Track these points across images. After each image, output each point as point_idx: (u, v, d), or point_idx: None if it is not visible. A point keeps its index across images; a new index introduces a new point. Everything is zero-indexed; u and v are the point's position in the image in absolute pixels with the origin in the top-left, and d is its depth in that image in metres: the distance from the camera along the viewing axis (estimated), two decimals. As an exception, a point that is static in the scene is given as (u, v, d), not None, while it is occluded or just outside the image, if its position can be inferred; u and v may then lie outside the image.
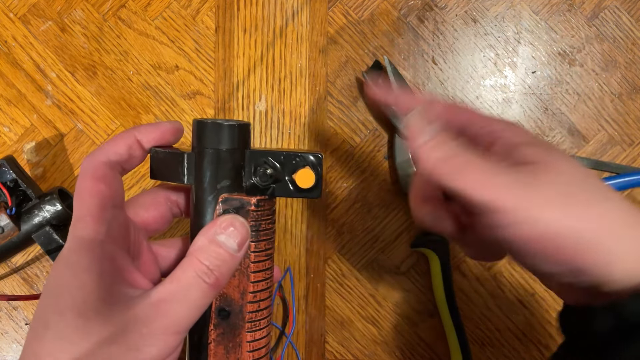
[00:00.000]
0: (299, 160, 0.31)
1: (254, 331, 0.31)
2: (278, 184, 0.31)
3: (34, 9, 0.50)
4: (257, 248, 0.30)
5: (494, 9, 0.50)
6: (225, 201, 0.30)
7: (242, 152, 0.30)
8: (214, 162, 0.30)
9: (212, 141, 0.30)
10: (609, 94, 0.50)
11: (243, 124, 0.31)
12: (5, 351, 0.50)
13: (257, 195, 0.31)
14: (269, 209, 0.31)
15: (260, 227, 0.31)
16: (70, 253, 0.27)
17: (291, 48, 0.50)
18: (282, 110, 0.50)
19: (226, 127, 0.30)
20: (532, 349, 0.50)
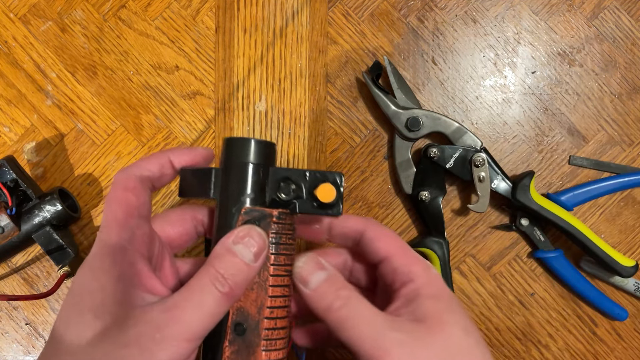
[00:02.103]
0: (320, 177, 0.32)
1: (269, 351, 0.30)
2: (300, 200, 0.31)
3: (34, 9, 0.50)
4: (276, 261, 0.30)
5: (493, 9, 0.50)
6: (248, 212, 0.30)
7: (266, 168, 0.31)
8: (239, 174, 0.31)
9: (238, 155, 0.31)
10: (609, 94, 0.50)
11: (268, 142, 0.32)
12: (6, 351, 0.50)
13: (279, 208, 0.31)
14: (290, 224, 0.31)
15: (280, 240, 0.31)
16: (94, 257, 0.28)
17: (291, 48, 0.50)
18: (282, 110, 0.50)
19: (253, 141, 0.31)
20: (532, 349, 0.50)
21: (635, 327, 0.50)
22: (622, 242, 0.50)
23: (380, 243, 0.33)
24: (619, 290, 0.50)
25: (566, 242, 0.49)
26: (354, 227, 0.34)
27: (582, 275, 0.49)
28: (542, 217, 0.47)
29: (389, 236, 0.34)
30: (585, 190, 0.48)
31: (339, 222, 0.34)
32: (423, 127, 0.47)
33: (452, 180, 0.50)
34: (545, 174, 0.50)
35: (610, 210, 0.50)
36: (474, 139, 0.47)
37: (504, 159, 0.50)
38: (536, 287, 0.50)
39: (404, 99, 0.48)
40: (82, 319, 0.26)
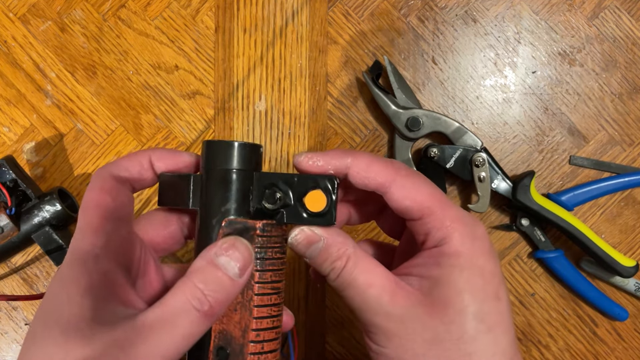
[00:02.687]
0: (310, 183, 0.28)
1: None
2: (287, 208, 0.28)
3: (34, 8, 0.50)
4: (261, 278, 0.28)
5: (494, 8, 0.50)
6: (229, 225, 0.27)
7: (250, 174, 0.28)
8: (220, 182, 0.28)
9: (219, 161, 0.28)
10: (609, 94, 0.50)
11: (253, 144, 0.29)
12: (5, 351, 0.50)
13: (264, 219, 0.28)
14: (277, 236, 0.28)
15: (266, 255, 0.28)
16: (65, 265, 0.26)
17: (291, 48, 0.50)
18: (282, 110, 0.50)
19: (234, 145, 0.28)
20: (533, 349, 0.50)
21: (635, 327, 0.50)
22: (622, 242, 0.50)
23: (414, 203, 0.28)
24: (619, 290, 0.50)
25: (566, 242, 0.49)
26: (378, 179, 0.29)
27: (583, 275, 0.49)
28: (543, 217, 0.47)
29: (424, 193, 0.29)
30: (586, 190, 0.48)
31: (358, 170, 0.29)
32: (423, 127, 0.47)
33: (453, 180, 0.50)
34: (545, 174, 0.50)
35: (611, 210, 0.50)
36: (474, 138, 0.47)
37: (504, 159, 0.50)
38: (536, 287, 0.50)
39: (404, 98, 0.48)
40: (48, 333, 0.24)
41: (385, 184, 0.29)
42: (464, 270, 0.27)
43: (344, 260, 0.28)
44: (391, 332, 0.27)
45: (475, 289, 0.27)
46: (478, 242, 0.28)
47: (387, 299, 0.27)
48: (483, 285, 0.27)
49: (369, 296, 0.28)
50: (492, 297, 0.27)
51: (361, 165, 0.29)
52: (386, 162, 0.29)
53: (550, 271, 0.50)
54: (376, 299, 0.27)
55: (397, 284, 0.28)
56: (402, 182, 0.29)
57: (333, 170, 0.29)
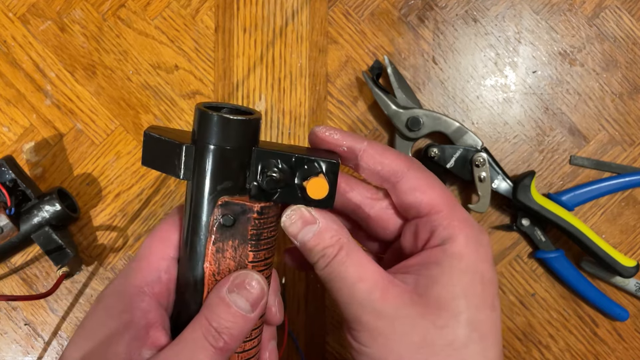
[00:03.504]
0: (311, 166, 0.27)
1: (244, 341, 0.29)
2: (285, 188, 0.28)
3: (33, 8, 0.50)
4: (256, 258, 0.28)
5: (494, 8, 0.50)
6: (225, 205, 0.27)
7: (249, 151, 0.27)
8: (217, 160, 0.27)
9: (216, 137, 0.26)
10: (610, 94, 0.50)
11: (253, 119, 0.27)
12: (5, 352, 0.49)
13: (262, 199, 0.28)
14: (273, 216, 0.28)
15: (262, 235, 0.28)
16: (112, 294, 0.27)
17: (291, 48, 0.50)
18: (282, 110, 0.50)
19: (234, 123, 0.26)
20: (533, 350, 0.50)
21: (636, 327, 0.50)
22: (623, 242, 0.50)
23: (425, 197, 0.28)
24: (619, 290, 0.50)
25: (567, 243, 0.49)
26: (392, 167, 0.28)
27: (583, 275, 0.49)
28: (543, 217, 0.47)
29: (436, 189, 0.28)
30: (586, 191, 0.48)
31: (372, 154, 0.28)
32: (423, 126, 0.47)
33: (453, 180, 0.50)
34: (546, 174, 0.50)
35: (611, 210, 0.50)
36: (474, 138, 0.47)
37: (504, 159, 0.50)
38: (537, 287, 0.50)
39: (404, 98, 0.48)
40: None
41: (399, 173, 0.28)
42: (466, 274, 0.26)
43: (336, 248, 0.27)
44: (377, 331, 0.26)
45: (474, 295, 0.26)
46: (482, 249, 0.27)
47: (377, 296, 0.26)
48: (482, 293, 0.27)
49: (358, 290, 0.27)
50: (489, 306, 0.27)
51: (377, 149, 0.28)
52: (401, 153, 0.29)
53: (550, 271, 0.50)
54: (366, 295, 0.27)
55: (390, 281, 0.27)
56: (415, 174, 0.28)
57: (347, 147, 0.28)
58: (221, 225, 0.27)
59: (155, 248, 0.28)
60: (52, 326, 0.49)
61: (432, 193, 0.28)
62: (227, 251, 0.27)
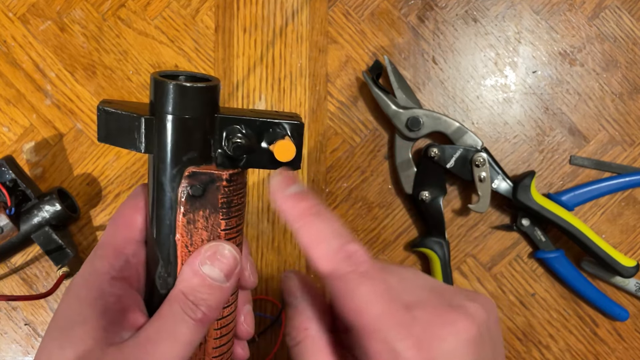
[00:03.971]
0: (276, 129, 0.27)
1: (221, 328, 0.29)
2: (252, 154, 0.27)
3: (33, 8, 0.50)
4: (228, 226, 0.28)
5: (494, 8, 0.50)
6: (193, 176, 0.26)
7: (211, 117, 0.26)
8: (179, 131, 0.26)
9: (176, 107, 0.25)
10: (610, 94, 0.50)
11: (212, 85, 0.26)
12: (5, 352, 0.49)
13: (229, 166, 0.27)
14: (241, 182, 0.28)
15: (232, 203, 0.27)
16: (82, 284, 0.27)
17: (291, 48, 0.50)
18: (282, 110, 0.50)
19: (193, 90, 0.25)
20: (533, 350, 0.50)
21: (636, 327, 0.50)
22: (623, 242, 0.50)
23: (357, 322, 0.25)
24: (620, 290, 0.50)
25: (567, 242, 0.49)
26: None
27: (583, 275, 0.49)
28: (543, 217, 0.47)
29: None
30: (586, 190, 0.48)
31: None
32: (423, 126, 0.47)
33: (453, 180, 0.50)
34: (546, 174, 0.50)
35: (611, 210, 0.50)
36: (474, 138, 0.47)
37: (504, 159, 0.50)
38: (537, 287, 0.50)
39: (404, 98, 0.48)
40: (62, 352, 0.25)
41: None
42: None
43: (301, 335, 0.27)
44: None
45: None
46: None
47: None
48: None
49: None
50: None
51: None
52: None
53: (550, 271, 0.50)
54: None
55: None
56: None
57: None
58: (190, 196, 0.27)
59: (120, 233, 0.28)
60: (52, 326, 0.49)
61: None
62: (198, 222, 0.27)
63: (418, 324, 0.24)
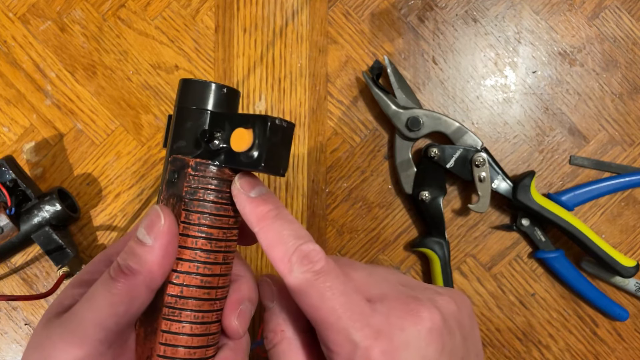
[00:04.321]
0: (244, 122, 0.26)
1: (170, 320, 0.27)
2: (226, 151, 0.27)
3: (34, 8, 0.50)
4: (187, 219, 0.27)
5: (494, 8, 0.50)
6: (173, 161, 0.27)
7: (203, 112, 0.27)
8: (176, 120, 0.28)
9: (180, 99, 0.28)
10: (610, 94, 0.50)
11: (207, 81, 0.28)
12: (5, 352, 0.50)
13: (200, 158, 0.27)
14: (211, 177, 0.27)
15: (196, 195, 0.27)
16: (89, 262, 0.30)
17: (291, 48, 0.50)
18: (282, 110, 0.50)
19: (191, 82, 0.28)
20: (533, 350, 0.50)
21: (636, 327, 0.50)
22: (623, 242, 0.50)
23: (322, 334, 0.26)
24: (619, 290, 0.50)
25: (567, 242, 0.49)
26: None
27: (583, 275, 0.49)
28: (543, 217, 0.47)
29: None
30: (586, 191, 0.48)
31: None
32: (423, 126, 0.47)
33: (453, 180, 0.50)
34: (546, 174, 0.50)
35: (611, 210, 0.50)
36: (474, 138, 0.47)
37: (504, 159, 0.50)
38: (537, 287, 0.50)
39: (404, 98, 0.48)
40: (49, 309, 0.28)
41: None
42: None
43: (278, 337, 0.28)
44: None
45: None
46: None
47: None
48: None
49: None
50: None
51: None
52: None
53: (550, 271, 0.50)
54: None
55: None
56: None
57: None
58: (168, 182, 0.27)
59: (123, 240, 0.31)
60: (52, 326, 0.49)
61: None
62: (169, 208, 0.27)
63: (378, 315, 0.24)
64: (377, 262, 0.50)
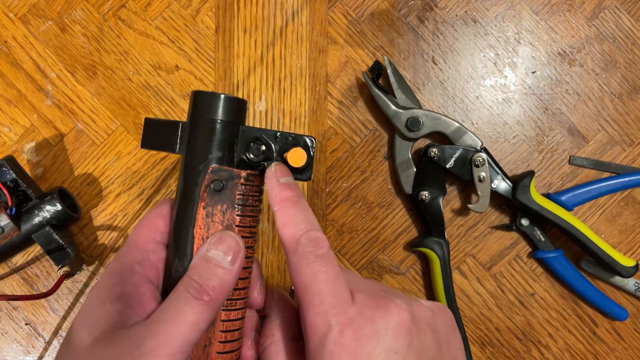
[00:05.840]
0: (292, 140, 0.31)
1: (229, 310, 0.30)
2: (269, 162, 0.31)
3: (34, 9, 0.50)
4: (242, 223, 0.30)
5: (494, 9, 0.50)
6: (215, 171, 0.29)
7: (237, 126, 0.30)
8: (208, 131, 0.30)
9: (207, 110, 0.30)
10: (609, 94, 0.50)
11: (240, 99, 0.31)
12: (5, 351, 0.50)
13: (249, 170, 0.31)
14: (257, 185, 0.31)
15: (247, 202, 0.30)
16: (107, 273, 0.30)
17: (291, 48, 0.50)
18: (282, 110, 0.50)
19: (223, 97, 0.30)
20: (532, 349, 0.50)
21: (635, 327, 0.50)
22: (622, 242, 0.50)
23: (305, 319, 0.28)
24: (619, 290, 0.50)
25: (566, 242, 0.49)
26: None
27: (583, 275, 0.49)
28: (543, 217, 0.47)
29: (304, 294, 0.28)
30: (586, 190, 0.48)
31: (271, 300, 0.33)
32: (423, 127, 0.47)
33: (452, 180, 0.50)
34: (545, 174, 0.50)
35: (611, 210, 0.50)
36: (474, 138, 0.47)
37: (504, 159, 0.50)
38: (536, 287, 0.50)
39: (404, 98, 0.48)
40: (79, 334, 0.27)
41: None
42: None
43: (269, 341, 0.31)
44: None
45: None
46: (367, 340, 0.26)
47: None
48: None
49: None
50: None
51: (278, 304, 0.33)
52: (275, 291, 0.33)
53: (550, 271, 0.50)
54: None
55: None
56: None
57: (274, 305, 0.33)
58: (211, 190, 0.30)
59: (143, 233, 0.31)
60: (53, 326, 0.50)
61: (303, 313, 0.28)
62: (215, 215, 0.30)
63: (355, 306, 0.27)
64: (376, 261, 0.50)
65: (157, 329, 0.26)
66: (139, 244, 0.30)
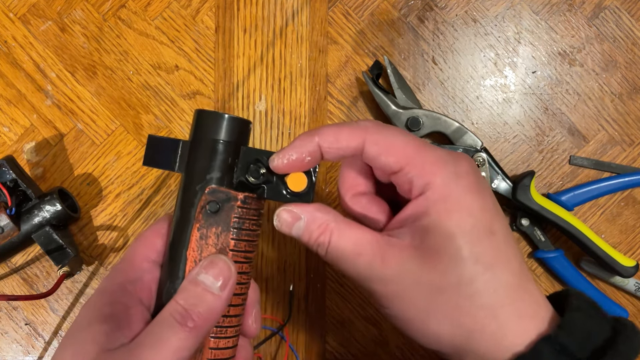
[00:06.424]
0: None
1: (218, 338, 0.29)
2: (269, 185, 0.30)
3: (34, 8, 0.50)
4: (236, 247, 0.29)
5: (494, 9, 0.50)
6: (212, 192, 0.29)
7: (237, 147, 0.30)
8: (208, 151, 0.29)
9: (209, 130, 0.29)
10: (609, 94, 0.50)
11: (243, 119, 0.30)
12: (5, 351, 0.50)
13: (247, 192, 0.30)
14: (255, 209, 0.30)
15: (243, 225, 0.29)
16: (98, 291, 0.29)
17: (291, 48, 0.50)
18: (282, 110, 0.50)
19: (225, 118, 0.29)
20: (532, 349, 0.50)
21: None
22: (622, 242, 0.50)
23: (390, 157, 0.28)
24: (619, 290, 0.50)
25: (566, 242, 0.49)
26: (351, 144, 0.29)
27: (583, 275, 0.49)
28: (543, 217, 0.47)
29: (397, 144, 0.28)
30: (586, 190, 0.48)
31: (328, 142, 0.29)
32: (423, 127, 0.47)
33: (453, 180, 0.50)
34: (545, 174, 0.50)
35: (611, 210, 0.50)
36: (474, 138, 0.47)
37: (504, 159, 0.50)
38: (536, 287, 0.50)
39: (404, 98, 0.48)
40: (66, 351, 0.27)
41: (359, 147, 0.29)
42: (452, 212, 0.27)
43: (327, 235, 0.29)
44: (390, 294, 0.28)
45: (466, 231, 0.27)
46: (462, 181, 0.28)
47: (378, 264, 0.27)
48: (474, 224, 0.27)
49: (360, 266, 0.28)
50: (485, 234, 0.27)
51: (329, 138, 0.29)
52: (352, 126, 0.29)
53: (550, 271, 0.50)
54: (368, 267, 0.28)
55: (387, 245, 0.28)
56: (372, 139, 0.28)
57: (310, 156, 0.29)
58: (207, 212, 0.29)
59: (140, 251, 0.30)
60: (53, 326, 0.50)
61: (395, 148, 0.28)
62: (210, 238, 0.29)
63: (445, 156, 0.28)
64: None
65: (139, 354, 0.25)
66: (134, 263, 0.30)
